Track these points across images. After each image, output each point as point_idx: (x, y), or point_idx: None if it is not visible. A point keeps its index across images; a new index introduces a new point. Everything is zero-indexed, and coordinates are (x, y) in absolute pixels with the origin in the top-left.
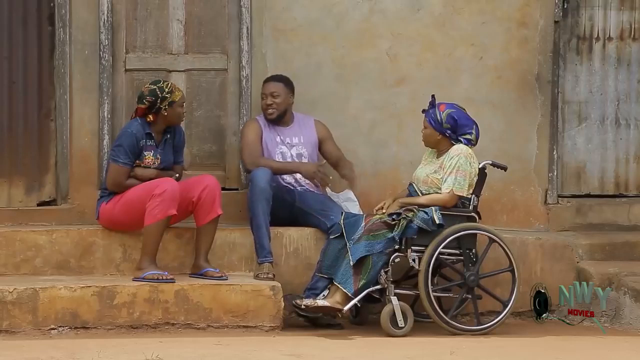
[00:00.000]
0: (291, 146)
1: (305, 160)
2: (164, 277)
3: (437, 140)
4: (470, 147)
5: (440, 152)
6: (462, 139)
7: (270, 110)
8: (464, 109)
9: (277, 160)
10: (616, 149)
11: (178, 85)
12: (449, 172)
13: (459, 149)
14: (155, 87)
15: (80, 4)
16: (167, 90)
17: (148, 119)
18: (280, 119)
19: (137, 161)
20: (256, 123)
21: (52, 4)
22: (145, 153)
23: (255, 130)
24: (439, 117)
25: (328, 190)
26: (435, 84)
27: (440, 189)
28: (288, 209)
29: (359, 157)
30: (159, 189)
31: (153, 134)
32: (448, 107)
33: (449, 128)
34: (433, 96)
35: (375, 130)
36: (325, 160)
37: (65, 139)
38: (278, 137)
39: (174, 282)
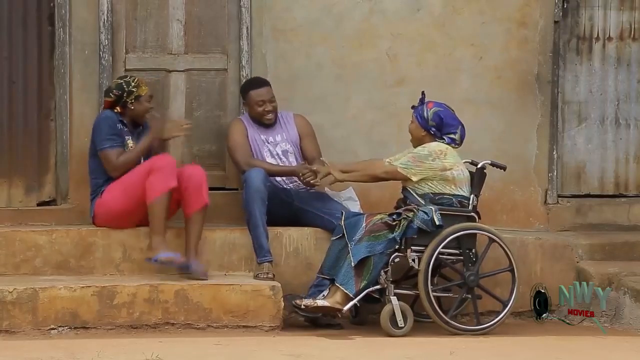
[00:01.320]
0: (275, 144)
1: (291, 156)
2: (177, 262)
3: (421, 136)
4: (453, 147)
5: None
6: (446, 138)
7: (270, 116)
8: (453, 110)
9: (270, 162)
10: (616, 149)
11: (178, 85)
12: (405, 154)
13: (430, 144)
14: (121, 81)
15: (80, 4)
16: (133, 84)
17: (116, 111)
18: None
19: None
20: (241, 123)
21: (52, 4)
22: (126, 137)
23: (242, 131)
24: (425, 114)
25: (328, 190)
26: (435, 84)
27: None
28: (287, 209)
29: (359, 157)
30: (156, 164)
31: (126, 123)
32: (436, 105)
33: (434, 126)
34: (423, 92)
35: (375, 130)
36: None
37: (65, 139)
38: (262, 136)
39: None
